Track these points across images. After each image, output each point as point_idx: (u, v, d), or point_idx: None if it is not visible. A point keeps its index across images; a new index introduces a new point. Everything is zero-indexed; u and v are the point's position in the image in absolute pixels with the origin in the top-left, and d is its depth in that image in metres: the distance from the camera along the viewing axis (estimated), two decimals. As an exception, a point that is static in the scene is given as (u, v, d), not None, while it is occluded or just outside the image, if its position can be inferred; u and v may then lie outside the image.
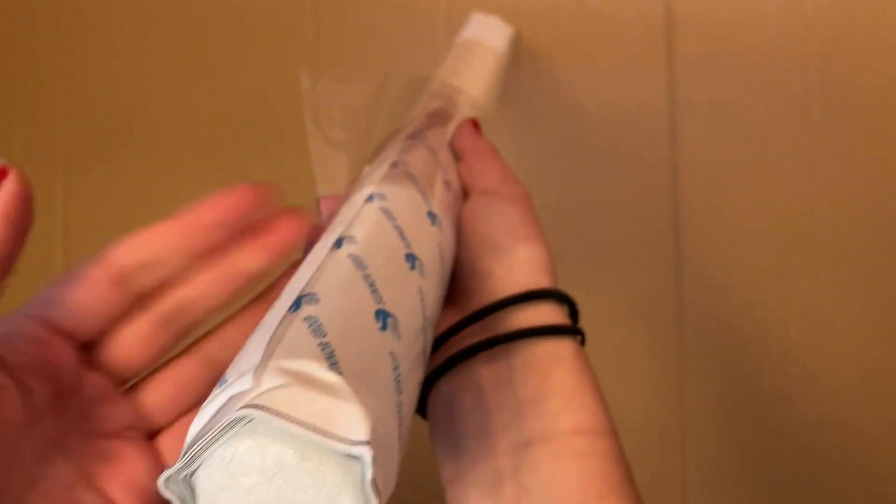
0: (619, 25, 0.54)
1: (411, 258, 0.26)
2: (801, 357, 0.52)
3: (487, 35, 0.51)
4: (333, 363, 0.19)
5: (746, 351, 0.53)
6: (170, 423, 0.27)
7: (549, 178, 0.55)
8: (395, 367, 0.21)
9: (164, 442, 0.27)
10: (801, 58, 0.52)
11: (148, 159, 0.61)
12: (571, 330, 0.29)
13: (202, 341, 0.28)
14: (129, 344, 0.27)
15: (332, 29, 0.59)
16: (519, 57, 0.54)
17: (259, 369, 0.18)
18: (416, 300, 0.24)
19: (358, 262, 0.23)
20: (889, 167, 0.51)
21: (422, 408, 0.30)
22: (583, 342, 0.30)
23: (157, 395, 0.27)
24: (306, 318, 0.20)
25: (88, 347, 0.27)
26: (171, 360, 0.28)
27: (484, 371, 0.29)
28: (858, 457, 0.51)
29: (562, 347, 0.29)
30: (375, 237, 0.25)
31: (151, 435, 0.27)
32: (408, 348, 0.23)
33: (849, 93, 0.51)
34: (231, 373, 0.19)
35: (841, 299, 0.52)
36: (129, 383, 0.27)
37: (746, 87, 0.53)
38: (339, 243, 0.24)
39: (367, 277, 0.23)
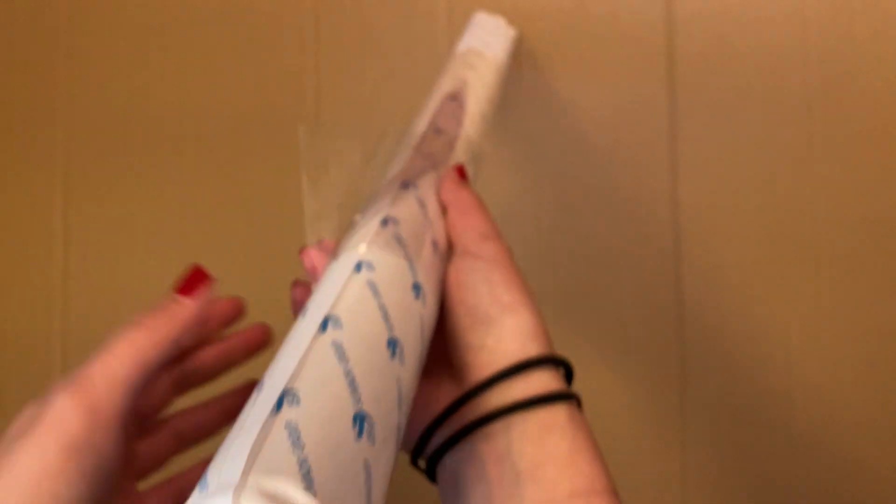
0: (619, 25, 0.54)
1: (392, 344, 0.27)
2: (801, 357, 0.52)
3: (489, 41, 0.49)
4: (309, 483, 0.20)
5: (746, 351, 0.53)
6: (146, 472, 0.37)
7: (549, 178, 0.55)
8: (367, 479, 0.23)
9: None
10: (801, 58, 0.52)
11: (148, 159, 0.61)
12: (563, 395, 0.30)
13: (175, 417, 0.37)
14: (154, 394, 0.36)
15: (332, 29, 0.59)
16: (519, 58, 0.54)
17: (238, 488, 0.20)
18: (393, 393, 0.26)
19: (340, 353, 0.25)
20: (889, 167, 0.51)
21: (432, 476, 0.32)
22: (578, 404, 0.31)
23: (143, 447, 0.36)
24: (287, 426, 0.22)
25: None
26: (152, 427, 0.37)
27: (483, 445, 0.30)
28: (858, 457, 0.51)
29: (555, 414, 0.30)
30: (359, 321, 0.27)
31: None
32: (381, 449, 0.24)
33: (849, 93, 0.51)
34: (212, 477, 0.21)
35: (841, 299, 0.52)
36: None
37: (746, 87, 0.53)
38: (324, 325, 0.26)
39: (348, 374, 0.24)
